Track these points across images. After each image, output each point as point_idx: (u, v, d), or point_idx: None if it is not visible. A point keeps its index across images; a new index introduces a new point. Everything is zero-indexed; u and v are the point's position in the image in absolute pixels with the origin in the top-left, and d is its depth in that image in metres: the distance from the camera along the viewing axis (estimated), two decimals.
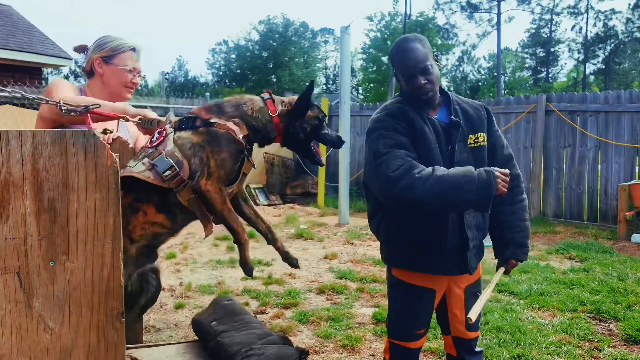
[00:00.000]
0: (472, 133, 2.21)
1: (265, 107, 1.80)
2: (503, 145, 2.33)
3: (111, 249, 1.36)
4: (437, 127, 2.16)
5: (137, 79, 2.40)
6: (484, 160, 2.22)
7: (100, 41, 2.36)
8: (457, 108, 2.22)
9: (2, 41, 10.95)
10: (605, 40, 43.36)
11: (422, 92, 2.12)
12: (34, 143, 1.29)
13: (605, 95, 8.11)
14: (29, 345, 1.32)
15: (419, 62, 2.10)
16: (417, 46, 2.12)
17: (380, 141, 2.09)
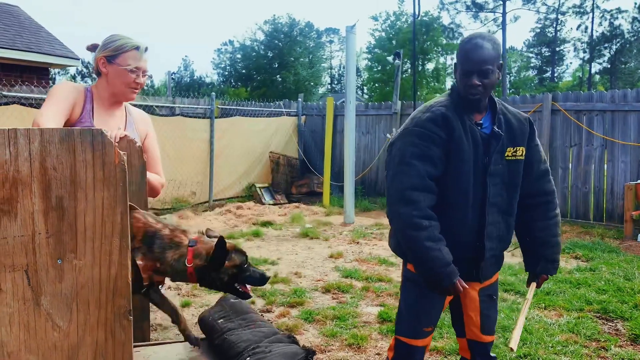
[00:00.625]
0: (511, 146, 2.19)
1: (185, 256, 1.76)
2: (541, 160, 2.30)
3: (119, 246, 1.36)
4: (476, 137, 2.14)
5: (141, 78, 2.35)
6: (519, 174, 2.22)
7: (106, 40, 2.35)
8: (501, 118, 2.19)
9: (10, 41, 11.00)
10: (611, 39, 43.12)
11: (471, 92, 2.10)
12: (42, 141, 1.29)
13: (612, 95, 8.07)
14: (37, 343, 1.33)
15: (482, 62, 2.07)
16: (488, 46, 2.09)
17: (408, 148, 2.10)
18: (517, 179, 2.21)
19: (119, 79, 2.32)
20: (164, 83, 44.73)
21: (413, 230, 2.03)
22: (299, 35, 42.47)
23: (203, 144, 9.88)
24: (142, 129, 2.53)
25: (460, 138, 2.10)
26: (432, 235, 2.02)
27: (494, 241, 2.19)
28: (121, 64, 2.30)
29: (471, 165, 2.12)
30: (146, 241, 1.75)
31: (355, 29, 8.40)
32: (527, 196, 2.27)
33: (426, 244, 2.02)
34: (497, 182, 2.16)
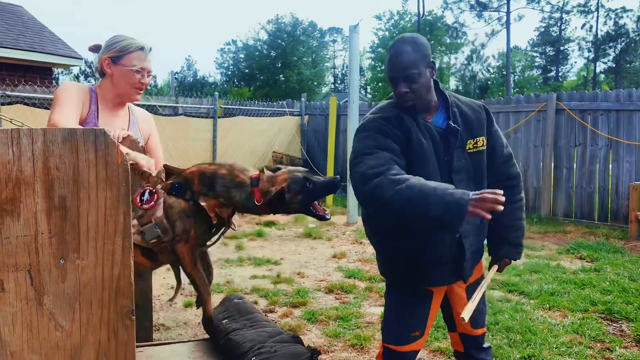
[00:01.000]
0: (471, 138, 2.13)
1: (252, 194, 1.80)
2: (503, 144, 2.27)
3: (121, 246, 1.36)
4: (434, 135, 2.07)
5: (146, 79, 2.36)
6: (484, 164, 2.18)
7: (110, 41, 2.35)
8: (455, 111, 2.13)
9: (13, 41, 11.03)
10: (615, 38, 43.01)
11: (402, 100, 2.05)
12: (45, 141, 1.29)
13: (617, 94, 8.04)
14: (39, 343, 1.33)
15: (402, 69, 2.01)
16: (407, 50, 2.02)
17: (367, 141, 2.00)
18: (482, 170, 2.17)
19: (124, 79, 2.32)
20: (167, 83, 44.81)
21: (394, 188, 1.80)
22: (302, 34, 42.50)
23: (206, 144, 9.88)
24: (145, 129, 2.53)
25: (418, 138, 2.03)
26: (415, 181, 1.82)
27: (471, 237, 2.15)
28: (126, 64, 2.30)
29: (436, 165, 2.05)
30: (205, 182, 1.81)
31: (358, 29, 8.39)
32: (493, 181, 2.22)
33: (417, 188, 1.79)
34: (463, 177, 2.10)
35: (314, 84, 42.52)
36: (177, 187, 1.80)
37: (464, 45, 44.65)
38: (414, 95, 2.02)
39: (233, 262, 5.86)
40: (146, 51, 2.35)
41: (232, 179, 1.83)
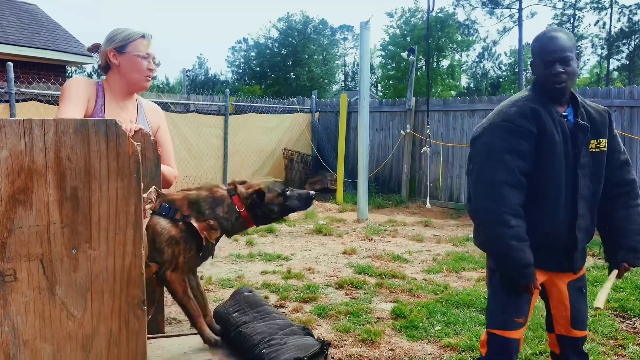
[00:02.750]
0: (594, 137, 2.22)
1: (234, 205, 1.89)
2: (620, 150, 2.33)
3: (132, 237, 1.37)
4: (565, 129, 2.17)
5: (152, 65, 2.40)
6: (603, 165, 2.25)
7: (111, 34, 2.38)
8: (583, 111, 2.23)
9: (28, 39, 11.14)
10: (629, 35, 42.45)
11: (556, 81, 2.14)
12: (57, 132, 1.30)
13: (630, 90, 7.95)
14: (52, 332, 1.34)
15: (562, 50, 2.13)
16: (563, 36, 2.17)
17: (498, 143, 2.12)
18: (601, 170, 2.24)
19: (132, 67, 2.35)
20: (179, 81, 45.00)
21: (499, 227, 2.07)
22: (313, 32, 42.45)
23: (217, 141, 9.92)
24: (154, 121, 2.54)
25: (551, 131, 2.14)
26: (518, 235, 2.07)
27: (583, 233, 2.23)
28: (133, 51, 2.34)
29: (562, 157, 2.15)
30: (193, 208, 1.85)
31: (369, 25, 8.36)
32: (608, 186, 2.29)
33: (511, 242, 2.06)
34: (586, 173, 2.20)
35: (325, 82, 42.47)
36: (167, 208, 1.82)
37: (476, 42, 44.36)
38: (567, 77, 2.14)
39: (244, 257, 5.88)
40: (148, 38, 2.40)
41: (213, 197, 1.89)
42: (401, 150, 10.39)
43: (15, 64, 7.17)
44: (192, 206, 1.86)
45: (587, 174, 2.20)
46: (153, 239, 1.80)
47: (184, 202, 1.87)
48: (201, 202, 1.87)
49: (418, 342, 3.59)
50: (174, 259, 1.81)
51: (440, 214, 9.01)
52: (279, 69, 40.67)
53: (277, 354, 1.74)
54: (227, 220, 1.89)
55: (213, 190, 1.92)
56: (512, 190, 2.08)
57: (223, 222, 1.88)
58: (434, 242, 6.83)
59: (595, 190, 2.24)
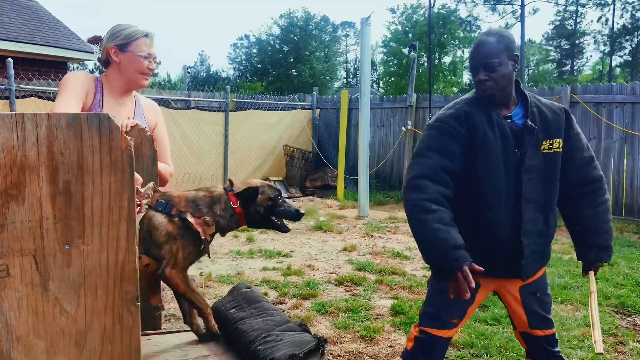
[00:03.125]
0: (547, 138, 2.16)
1: (229, 201, 1.93)
2: (583, 147, 2.25)
3: (126, 232, 1.36)
4: (505, 131, 2.11)
5: (153, 65, 2.39)
6: (557, 167, 2.19)
7: (114, 30, 2.36)
8: (534, 111, 2.16)
9: (29, 36, 11.13)
10: (632, 31, 42.28)
11: (481, 88, 2.11)
12: (49, 126, 1.29)
13: (632, 86, 7.92)
14: (45, 328, 1.33)
15: (483, 57, 2.09)
16: (490, 41, 2.12)
17: (428, 141, 2.13)
18: (555, 172, 2.18)
19: (132, 66, 2.34)
20: (181, 78, 44.96)
21: (421, 214, 2.00)
22: (314, 29, 42.39)
23: (218, 137, 9.91)
24: (152, 118, 2.54)
25: (484, 132, 2.10)
26: (441, 218, 1.97)
27: (532, 237, 2.15)
28: (134, 51, 2.32)
29: (501, 159, 2.10)
30: (190, 205, 1.88)
31: (370, 21, 8.34)
32: (574, 186, 2.25)
33: (434, 225, 1.96)
34: (533, 176, 2.13)
35: (327, 79, 42.42)
36: (163, 203, 1.84)
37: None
38: (493, 83, 2.09)
39: (244, 254, 5.87)
40: (151, 37, 2.39)
41: (211, 196, 1.92)
42: (402, 146, 10.37)
43: (15, 60, 7.17)
44: (189, 204, 1.88)
45: (537, 176, 2.14)
46: (149, 231, 1.80)
47: (181, 199, 1.89)
48: (199, 201, 1.90)
49: None
50: (173, 255, 1.81)
51: None
52: (281, 66, 40.63)
53: (273, 350, 1.73)
54: (223, 218, 1.92)
55: (211, 190, 1.95)
56: (432, 183, 2.03)
57: (219, 220, 1.91)
58: None
59: (549, 193, 2.18)
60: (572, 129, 2.23)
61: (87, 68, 38.62)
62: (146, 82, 2.41)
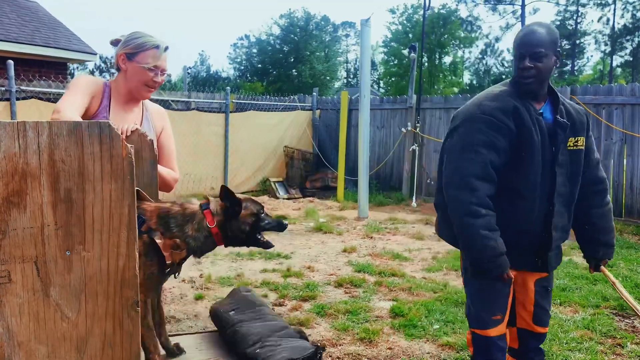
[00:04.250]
0: (572, 136, 2.23)
1: (205, 220, 1.80)
2: (594, 149, 2.39)
3: (126, 239, 1.38)
4: (542, 127, 2.18)
5: (159, 77, 2.36)
6: (580, 164, 2.28)
7: (128, 37, 2.36)
8: (562, 109, 2.23)
9: (29, 37, 11.15)
10: (633, 31, 42.25)
11: (523, 75, 2.14)
12: (51, 134, 1.31)
13: (632, 88, 7.92)
14: (46, 333, 1.35)
15: (533, 45, 2.12)
16: (541, 31, 2.15)
17: (476, 135, 2.10)
18: (579, 168, 2.27)
19: (137, 76, 2.33)
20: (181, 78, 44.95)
21: (470, 218, 2.05)
22: (315, 29, 42.36)
23: (218, 139, 9.92)
24: (159, 124, 2.54)
25: (529, 129, 2.14)
26: (488, 224, 2.04)
27: (559, 231, 2.25)
28: (140, 62, 2.31)
29: (539, 156, 2.15)
30: (161, 222, 1.79)
31: (369, 22, 8.35)
32: (585, 184, 2.32)
33: (481, 232, 2.03)
34: (563, 172, 2.22)
35: (327, 79, 42.40)
36: None
37: (478, 39, 44.23)
38: (536, 72, 2.12)
39: (244, 255, 5.89)
40: (161, 50, 2.35)
41: (184, 213, 1.82)
42: (402, 147, 10.39)
43: (15, 61, 7.18)
44: (160, 220, 1.79)
45: (565, 172, 2.22)
46: None
47: (154, 214, 1.79)
48: (170, 218, 1.80)
49: (416, 341, 3.60)
50: None
51: None
52: (281, 66, 40.61)
53: (271, 354, 1.75)
54: (196, 240, 1.81)
55: (184, 207, 1.85)
56: (482, 183, 2.07)
57: (190, 242, 1.80)
58: (434, 240, 6.83)
59: (572, 189, 2.27)
60: (589, 130, 2.35)
61: (87, 69, 38.62)
62: (149, 94, 2.39)
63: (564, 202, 2.24)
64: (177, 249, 1.77)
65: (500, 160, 2.11)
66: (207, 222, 1.81)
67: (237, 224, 1.83)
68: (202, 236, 1.81)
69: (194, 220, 1.81)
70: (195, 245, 1.81)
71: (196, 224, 1.80)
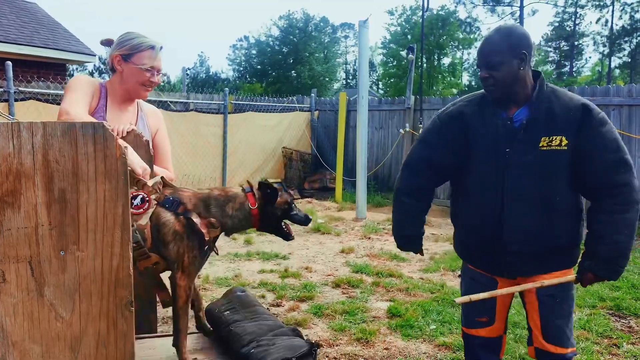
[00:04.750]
0: (546, 135, 2.04)
1: (247, 201, 1.91)
2: (605, 149, 2.03)
3: (120, 239, 1.38)
4: (497, 129, 2.11)
5: (155, 77, 2.36)
6: (558, 165, 2.05)
7: (122, 38, 2.36)
8: (540, 106, 2.07)
9: (27, 38, 11.16)
10: (631, 33, 42.33)
11: (483, 85, 2.13)
12: (45, 134, 1.31)
13: (629, 89, 7.94)
14: (40, 333, 1.35)
15: (485, 55, 2.09)
16: (495, 39, 2.09)
17: (423, 133, 2.36)
18: (555, 169, 2.05)
19: (133, 77, 2.34)
20: (180, 79, 44.96)
21: (395, 202, 2.40)
22: (314, 30, 42.41)
23: (216, 140, 9.93)
24: (154, 124, 2.55)
25: (475, 131, 2.15)
26: (407, 210, 2.36)
27: (518, 235, 2.08)
28: (137, 63, 2.31)
29: (486, 156, 2.14)
30: (200, 204, 1.85)
31: (367, 24, 8.37)
32: (593, 188, 2.09)
33: (400, 216, 2.39)
34: (525, 173, 2.06)
35: (326, 80, 42.44)
36: (171, 200, 1.81)
37: (477, 40, 44.28)
38: (494, 81, 2.08)
39: (242, 256, 5.89)
40: (157, 50, 2.35)
41: (226, 195, 1.90)
42: (400, 148, 10.39)
43: (14, 62, 7.18)
44: (199, 202, 1.85)
45: (531, 173, 2.06)
46: (157, 228, 1.78)
47: (191, 197, 1.86)
48: (211, 200, 1.87)
49: (413, 341, 3.61)
50: (180, 258, 1.80)
51: (439, 212, 9.00)
52: (280, 67, 40.64)
53: (265, 354, 1.75)
54: (235, 218, 1.89)
55: (226, 190, 1.94)
56: (411, 173, 2.32)
57: (228, 221, 1.88)
58: (431, 240, 6.84)
59: (548, 190, 2.06)
60: (589, 127, 2.04)
61: (86, 70, 38.63)
62: (146, 94, 2.41)
63: (532, 204, 2.07)
64: (212, 227, 1.84)
65: (441, 160, 2.26)
66: (250, 204, 1.89)
67: (272, 209, 1.93)
68: (242, 215, 1.90)
69: (236, 200, 1.89)
70: (231, 223, 1.89)
71: (238, 204, 1.89)
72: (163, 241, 1.79)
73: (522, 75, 2.07)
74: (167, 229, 1.78)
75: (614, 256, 2.04)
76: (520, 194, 2.08)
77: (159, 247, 1.80)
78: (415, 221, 2.37)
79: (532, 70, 2.14)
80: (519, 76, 2.07)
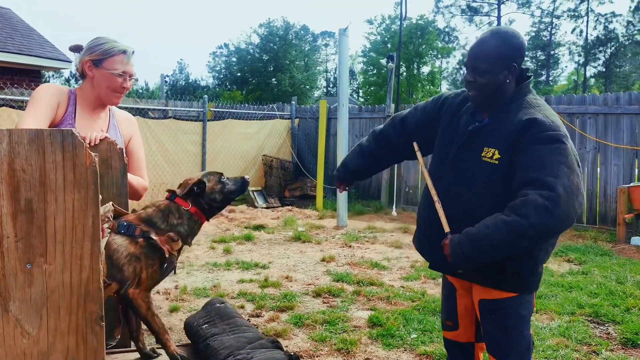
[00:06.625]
0: (487, 146, 1.96)
1: (181, 207, 1.92)
2: (528, 167, 1.84)
3: (90, 250, 1.33)
4: (458, 128, 2.10)
5: (127, 83, 2.32)
6: (490, 178, 1.94)
7: (92, 43, 2.31)
8: (501, 117, 1.97)
9: (1, 44, 10.94)
10: (605, 43, 43.31)
11: (466, 87, 2.09)
12: (11, 142, 1.26)
13: (605, 98, 8.09)
14: (5, 350, 1.29)
15: (474, 57, 1.97)
16: (489, 43, 1.95)
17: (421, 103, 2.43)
18: (485, 181, 1.95)
19: (105, 82, 2.28)
20: (159, 86, 44.64)
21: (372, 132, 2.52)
22: (294, 38, 42.46)
23: (195, 147, 9.84)
24: (127, 131, 2.49)
25: (444, 122, 2.20)
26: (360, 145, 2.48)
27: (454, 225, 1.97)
28: (108, 68, 2.26)
29: (438, 150, 2.18)
30: (149, 225, 1.86)
31: (347, 32, 8.38)
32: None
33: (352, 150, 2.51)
34: (460, 178, 2.01)
35: (307, 88, 42.48)
36: (126, 226, 1.81)
37: (456, 49, 44.83)
38: (477, 87, 1.98)
39: (220, 266, 5.81)
40: (128, 55, 2.31)
41: (161, 210, 1.91)
42: None
43: None
44: (147, 223, 1.87)
45: (463, 179, 2.00)
46: (109, 256, 1.77)
47: (137, 220, 1.87)
48: (152, 218, 1.88)
49: (394, 351, 3.58)
50: (137, 276, 1.79)
51: None
52: (260, 75, 40.56)
53: None
54: (183, 225, 1.91)
55: (157, 204, 1.94)
56: (387, 124, 2.45)
57: (180, 230, 1.90)
58: (412, 248, 6.83)
59: (479, 202, 1.95)
60: (522, 142, 1.88)
61: (62, 76, 38.09)
62: (118, 100, 2.36)
63: (462, 209, 1.98)
64: (173, 241, 1.86)
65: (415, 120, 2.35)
66: (184, 207, 1.91)
67: (208, 196, 1.96)
68: (186, 219, 1.91)
69: (172, 210, 1.91)
70: (184, 230, 1.91)
71: (177, 212, 1.91)
72: (117, 266, 1.77)
73: (506, 85, 1.99)
74: (119, 254, 1.78)
75: (466, 239, 1.86)
76: (451, 197, 2.03)
77: (114, 274, 1.77)
78: (359, 157, 2.45)
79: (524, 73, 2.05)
80: (504, 87, 1.98)
